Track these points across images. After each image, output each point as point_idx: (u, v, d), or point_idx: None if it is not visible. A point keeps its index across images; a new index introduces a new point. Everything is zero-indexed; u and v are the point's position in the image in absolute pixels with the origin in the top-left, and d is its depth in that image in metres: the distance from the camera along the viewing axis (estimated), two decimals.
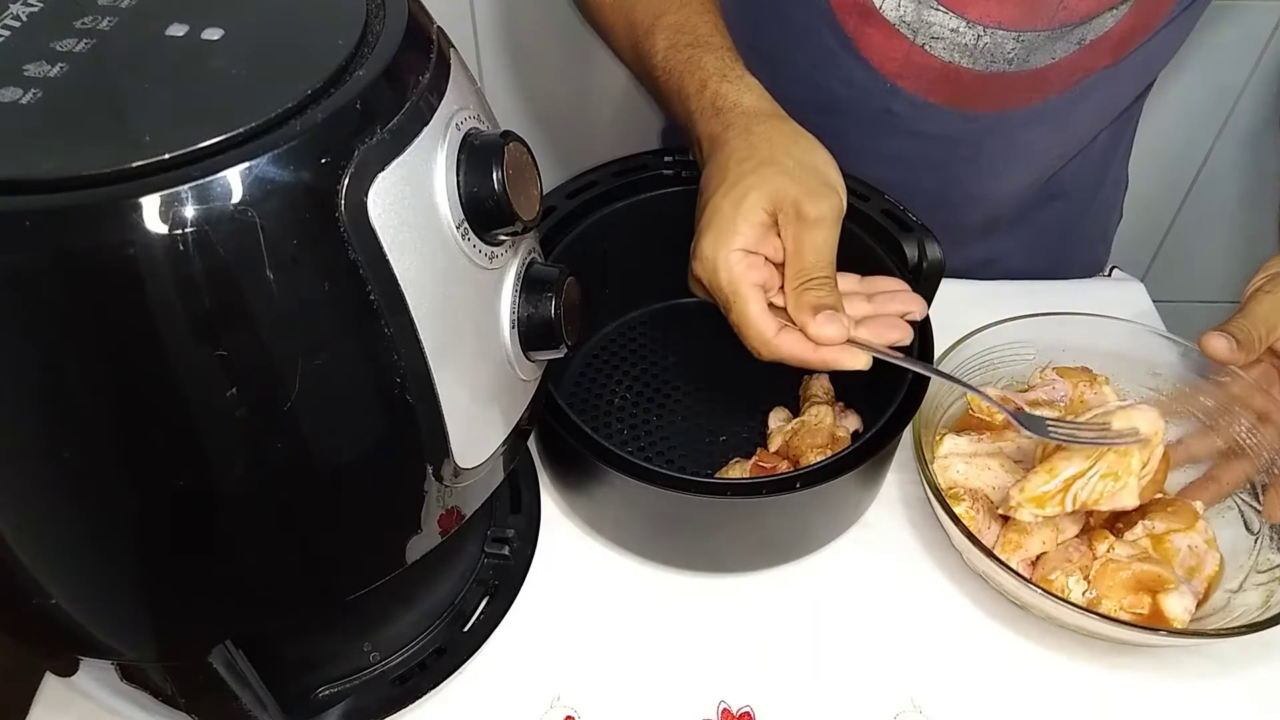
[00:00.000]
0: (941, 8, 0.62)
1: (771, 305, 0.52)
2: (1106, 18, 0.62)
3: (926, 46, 0.64)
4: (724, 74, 0.57)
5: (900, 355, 0.52)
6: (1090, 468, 0.53)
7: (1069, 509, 0.53)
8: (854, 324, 0.51)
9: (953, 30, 0.63)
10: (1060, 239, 0.83)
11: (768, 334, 0.50)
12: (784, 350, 0.50)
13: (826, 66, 0.68)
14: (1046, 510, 0.53)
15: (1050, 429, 0.53)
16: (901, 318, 0.54)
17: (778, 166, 0.52)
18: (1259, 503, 0.58)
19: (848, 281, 0.55)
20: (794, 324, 0.51)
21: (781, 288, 0.52)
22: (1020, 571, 0.52)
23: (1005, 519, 0.57)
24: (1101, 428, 0.53)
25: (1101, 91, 0.68)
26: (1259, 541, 0.57)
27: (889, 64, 0.66)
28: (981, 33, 0.62)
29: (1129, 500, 0.53)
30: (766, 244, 0.52)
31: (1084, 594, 0.54)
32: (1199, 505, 0.58)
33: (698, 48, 0.59)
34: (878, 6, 0.63)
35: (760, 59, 0.72)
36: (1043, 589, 0.51)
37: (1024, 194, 0.77)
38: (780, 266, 0.52)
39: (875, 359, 0.51)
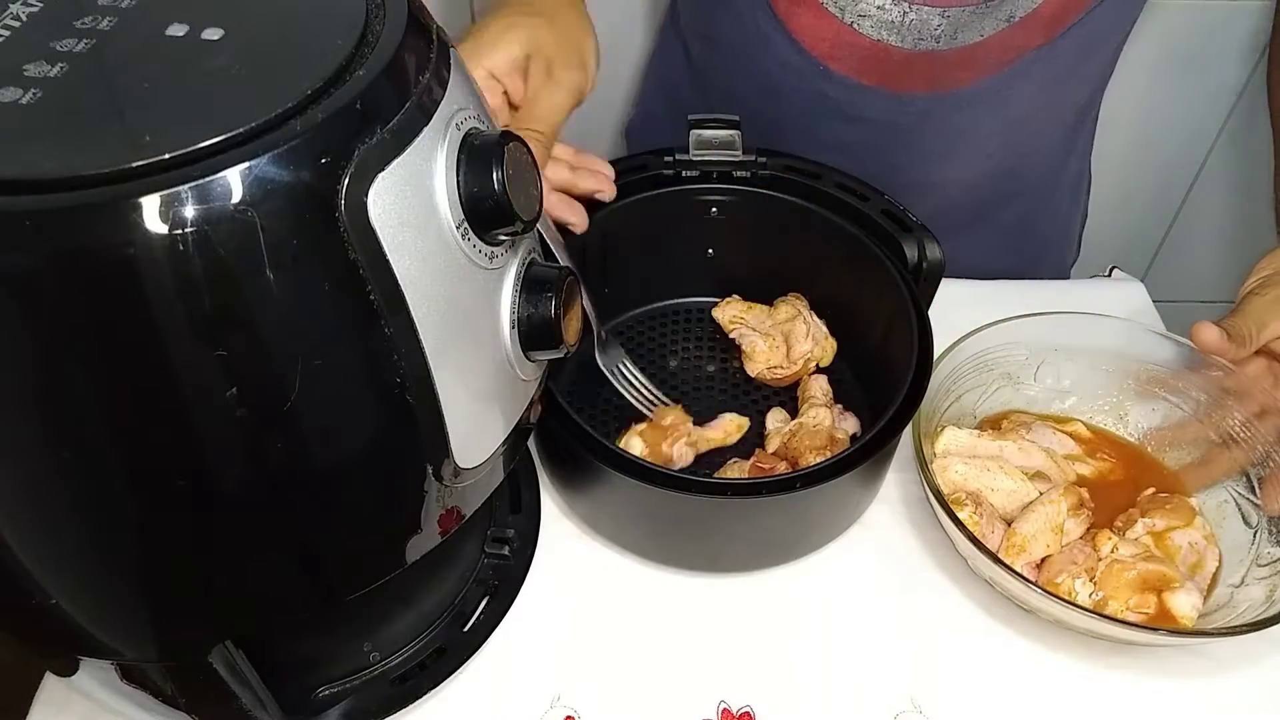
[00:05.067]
0: None
1: None
2: None
3: (855, 25, 0.65)
4: None
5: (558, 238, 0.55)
6: None
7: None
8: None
9: (879, 8, 0.63)
10: (1020, 238, 0.83)
11: None
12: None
13: (763, 50, 0.69)
14: None
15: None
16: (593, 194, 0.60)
17: (550, 27, 0.55)
18: (1255, 496, 0.58)
19: (562, 150, 0.59)
20: None
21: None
22: (1026, 575, 0.52)
23: (1008, 523, 0.57)
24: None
25: (1038, 73, 0.68)
26: (1258, 535, 0.57)
27: (820, 44, 0.67)
28: (907, 9, 0.63)
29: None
30: (510, 80, 0.54)
31: (1090, 596, 0.54)
32: (1194, 502, 0.59)
33: None
34: None
35: (711, 47, 0.73)
36: (1050, 593, 0.51)
37: (974, 186, 0.77)
38: (512, 109, 0.55)
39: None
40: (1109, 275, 0.81)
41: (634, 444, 0.59)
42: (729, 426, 0.62)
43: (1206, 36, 0.97)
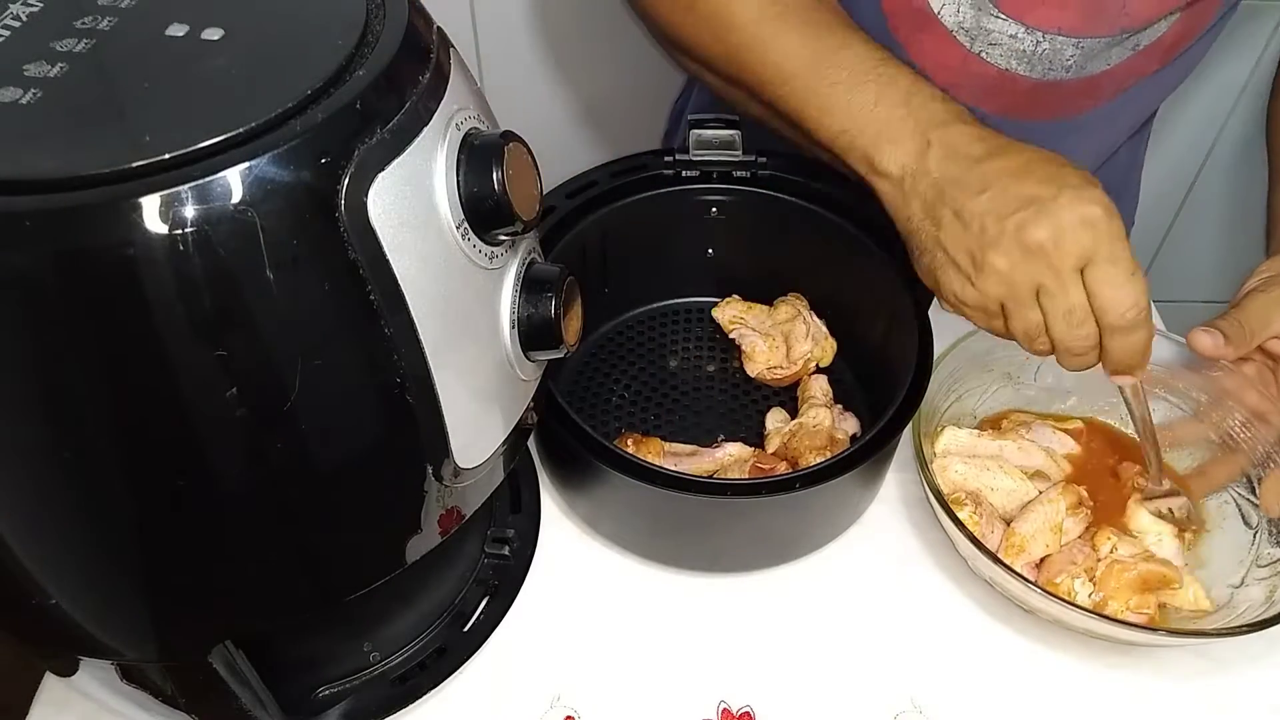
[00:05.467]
0: (1001, 14, 0.61)
1: None
2: (1161, 23, 0.62)
3: (983, 54, 0.63)
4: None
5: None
6: None
7: None
8: None
9: (1011, 36, 0.62)
10: None
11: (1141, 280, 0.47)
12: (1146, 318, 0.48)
13: None
14: None
15: None
16: None
17: None
18: (1256, 497, 0.58)
19: None
20: None
21: None
22: (1025, 575, 0.52)
23: (1008, 523, 0.57)
24: None
25: (1143, 97, 0.68)
26: (1258, 536, 0.57)
27: (942, 72, 0.65)
28: (1041, 39, 0.61)
29: None
30: None
31: (1089, 596, 0.54)
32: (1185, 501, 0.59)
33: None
34: (936, 12, 0.62)
35: None
36: (1050, 594, 0.51)
37: None
38: None
39: None
40: None
41: None
42: (725, 460, 0.60)
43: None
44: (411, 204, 0.33)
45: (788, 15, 0.54)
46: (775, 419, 0.63)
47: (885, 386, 0.57)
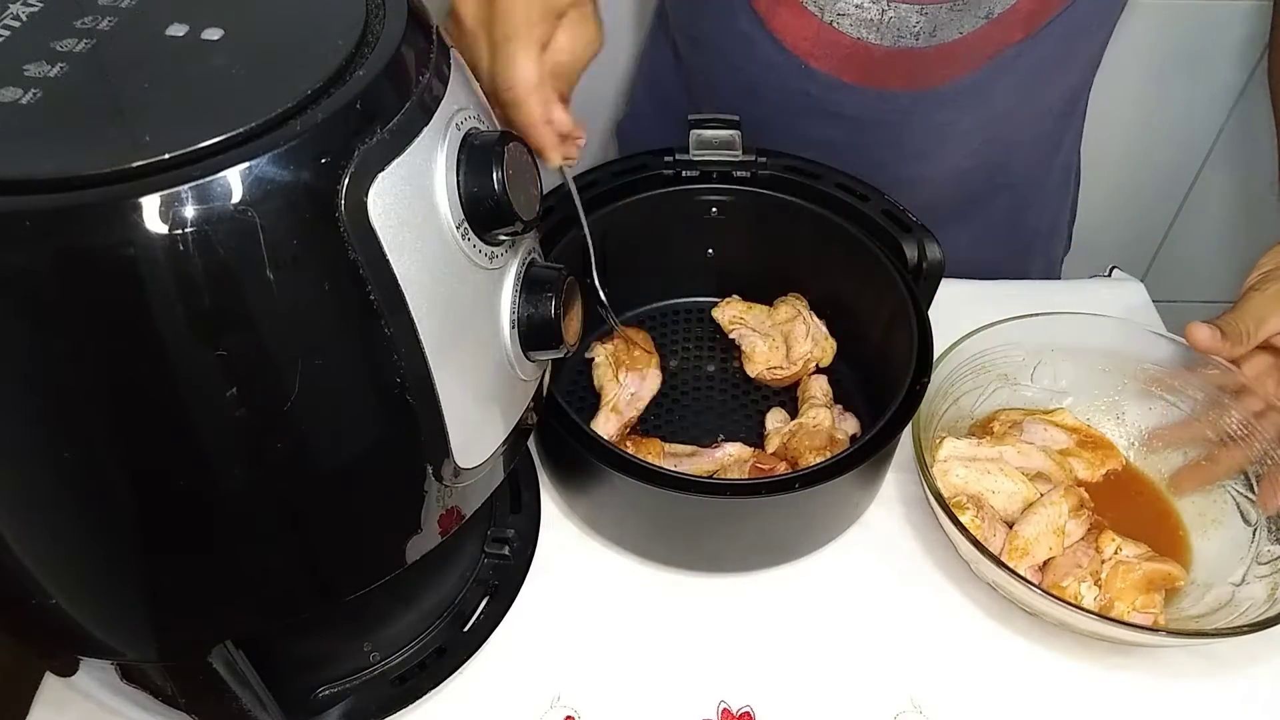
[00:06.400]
0: None
1: None
2: None
3: (834, 23, 0.65)
4: None
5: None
6: None
7: None
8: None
9: (857, 6, 0.63)
10: (1008, 230, 0.83)
11: (531, 79, 0.49)
12: (532, 101, 0.49)
13: (744, 49, 0.69)
14: None
15: None
16: None
17: None
18: (1254, 494, 0.58)
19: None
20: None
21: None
22: (1030, 579, 0.52)
23: (1010, 526, 0.57)
24: None
25: (1020, 68, 0.68)
26: (1257, 533, 0.57)
27: (801, 43, 0.67)
28: (885, 7, 0.63)
29: None
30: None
31: (1094, 599, 0.54)
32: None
33: None
34: None
35: (696, 47, 0.73)
36: (1058, 598, 0.51)
37: (960, 182, 0.77)
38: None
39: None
40: (1109, 275, 0.81)
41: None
42: (725, 460, 0.60)
43: (1206, 36, 0.97)
44: (411, 204, 0.33)
45: None
46: (775, 419, 0.63)
47: (885, 386, 0.57)
